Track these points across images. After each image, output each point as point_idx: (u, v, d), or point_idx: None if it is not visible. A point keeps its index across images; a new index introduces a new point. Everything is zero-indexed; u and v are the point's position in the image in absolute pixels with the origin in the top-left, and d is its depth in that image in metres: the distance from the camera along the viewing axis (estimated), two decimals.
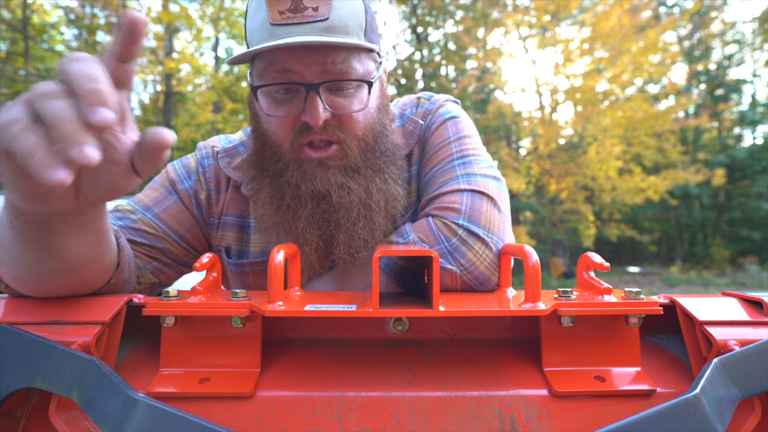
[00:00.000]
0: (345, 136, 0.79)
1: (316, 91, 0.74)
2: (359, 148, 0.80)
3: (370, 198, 0.80)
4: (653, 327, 0.64)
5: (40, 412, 0.55)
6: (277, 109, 0.78)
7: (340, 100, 0.78)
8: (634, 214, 16.11)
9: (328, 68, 0.74)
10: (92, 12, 10.98)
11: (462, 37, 13.26)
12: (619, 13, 11.81)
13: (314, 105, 0.75)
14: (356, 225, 0.80)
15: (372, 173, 0.81)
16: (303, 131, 0.78)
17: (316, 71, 0.74)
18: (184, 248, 0.91)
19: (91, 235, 0.57)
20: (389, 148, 0.85)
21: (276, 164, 0.81)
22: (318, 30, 0.72)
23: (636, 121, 12.46)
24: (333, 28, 0.73)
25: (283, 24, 0.73)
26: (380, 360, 0.59)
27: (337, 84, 0.76)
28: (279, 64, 0.74)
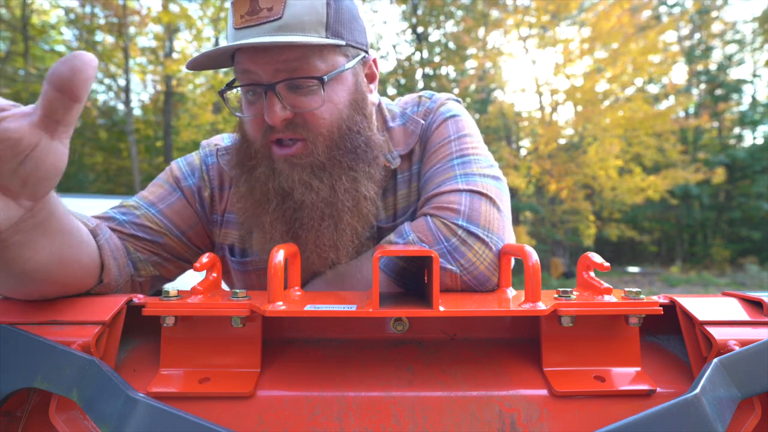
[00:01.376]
0: (309, 133, 0.78)
1: (272, 90, 0.75)
2: (325, 145, 0.79)
3: (335, 197, 0.80)
4: (653, 327, 0.64)
5: (40, 412, 0.55)
6: (248, 109, 0.80)
7: (301, 98, 0.77)
8: (634, 213, 16.11)
9: (280, 67, 0.74)
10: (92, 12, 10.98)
11: (462, 37, 13.26)
12: (619, 13, 11.81)
13: (271, 105, 0.75)
14: (321, 224, 0.80)
15: (339, 171, 0.80)
16: (270, 130, 0.78)
17: (270, 71, 0.75)
18: (186, 245, 0.91)
19: (52, 236, 0.54)
20: (360, 145, 0.82)
21: (250, 161, 0.83)
22: (271, 30, 0.73)
23: (636, 122, 12.46)
24: (286, 26, 0.73)
25: (243, 27, 0.74)
26: (380, 360, 0.59)
27: (295, 82, 0.76)
28: (241, 65, 0.76)
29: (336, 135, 0.80)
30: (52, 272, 0.57)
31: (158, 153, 14.42)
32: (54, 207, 0.53)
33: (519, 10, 12.98)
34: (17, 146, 0.42)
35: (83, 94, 0.42)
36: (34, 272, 0.54)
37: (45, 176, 0.45)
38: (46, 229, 0.53)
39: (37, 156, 0.43)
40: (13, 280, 0.54)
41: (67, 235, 0.58)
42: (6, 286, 0.56)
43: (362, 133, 0.83)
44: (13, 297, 0.60)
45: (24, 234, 0.50)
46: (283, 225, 0.81)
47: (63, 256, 0.58)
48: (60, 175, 0.47)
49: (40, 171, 0.44)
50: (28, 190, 0.46)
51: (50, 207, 0.52)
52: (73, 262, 0.61)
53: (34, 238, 0.51)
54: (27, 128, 0.43)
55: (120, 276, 0.75)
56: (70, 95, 0.42)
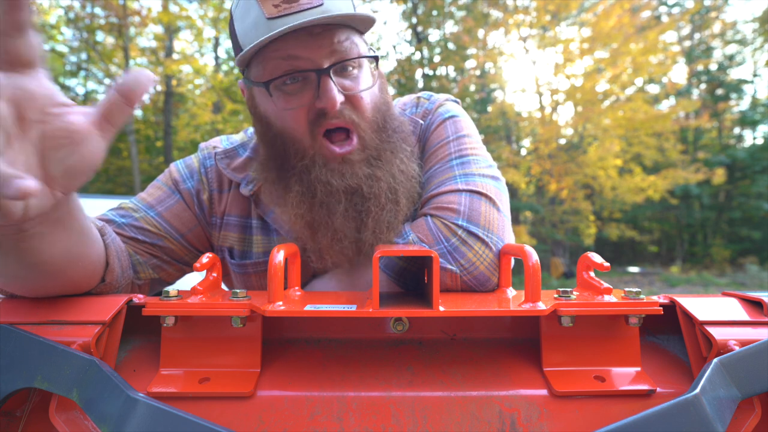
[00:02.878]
0: (359, 119, 0.79)
1: (327, 75, 0.75)
2: (373, 130, 0.82)
3: (395, 181, 0.82)
4: (653, 327, 0.64)
5: (40, 412, 0.55)
6: (288, 101, 0.78)
7: (348, 81, 0.79)
8: (634, 213, 16.12)
9: (335, 47, 0.76)
10: (92, 12, 10.99)
11: (462, 37, 13.26)
12: (620, 13, 11.81)
13: (329, 88, 0.75)
14: (384, 209, 0.81)
15: (391, 155, 0.83)
16: (319, 119, 0.77)
17: (324, 53, 0.75)
18: (185, 247, 0.91)
19: (68, 232, 0.55)
20: (398, 125, 0.86)
21: (301, 161, 0.80)
22: (316, 15, 0.73)
23: (636, 122, 12.47)
24: (329, 11, 0.74)
25: (280, 16, 0.73)
26: (380, 360, 0.59)
27: (343, 65, 0.78)
28: (283, 51, 0.75)
29: (379, 118, 0.83)
30: (62, 267, 0.57)
31: (158, 153, 14.42)
32: (74, 204, 0.55)
33: (519, 10, 12.98)
34: (74, 136, 0.46)
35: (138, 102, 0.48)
36: (45, 265, 0.55)
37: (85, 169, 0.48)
38: (64, 225, 0.54)
39: (84, 149, 0.47)
40: (23, 271, 0.54)
41: (81, 233, 0.59)
42: (14, 279, 0.56)
43: (393, 117, 0.86)
44: (16, 293, 0.60)
45: (45, 226, 0.51)
46: (352, 221, 0.81)
47: (74, 252, 0.59)
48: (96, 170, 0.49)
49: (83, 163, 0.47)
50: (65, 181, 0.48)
51: (71, 203, 0.54)
52: (83, 258, 0.61)
53: (53, 232, 0.53)
54: (85, 123, 0.46)
55: (122, 277, 0.75)
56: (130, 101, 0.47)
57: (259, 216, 0.92)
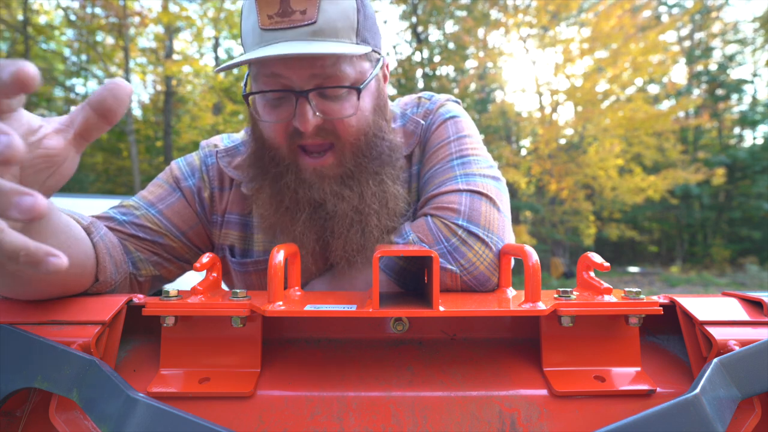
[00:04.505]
0: (338, 140, 0.79)
1: (305, 97, 0.74)
2: (352, 153, 0.80)
3: (364, 203, 0.81)
4: (653, 327, 0.64)
5: (40, 412, 0.55)
6: (270, 113, 0.79)
7: (332, 104, 0.77)
8: (634, 213, 16.11)
9: (316, 72, 0.73)
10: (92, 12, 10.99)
11: (462, 37, 13.26)
12: (620, 13, 11.81)
13: (303, 111, 0.74)
14: (350, 231, 0.81)
15: (366, 177, 0.81)
16: (297, 135, 0.78)
17: (305, 76, 0.74)
18: (186, 245, 0.91)
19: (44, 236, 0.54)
20: (384, 150, 0.83)
21: (276, 167, 0.82)
22: (305, 35, 0.71)
23: (636, 122, 12.47)
24: (321, 31, 0.71)
25: (272, 29, 0.72)
26: (380, 360, 0.59)
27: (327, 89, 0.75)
28: (268, 68, 0.74)
29: (363, 142, 0.80)
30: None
31: (158, 153, 14.42)
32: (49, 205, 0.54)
33: (519, 10, 12.98)
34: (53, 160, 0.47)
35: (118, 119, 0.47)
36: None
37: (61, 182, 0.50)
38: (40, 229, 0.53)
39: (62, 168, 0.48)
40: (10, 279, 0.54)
41: (60, 233, 0.58)
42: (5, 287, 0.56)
43: (386, 138, 0.84)
44: (10, 297, 0.60)
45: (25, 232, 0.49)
46: (314, 234, 0.82)
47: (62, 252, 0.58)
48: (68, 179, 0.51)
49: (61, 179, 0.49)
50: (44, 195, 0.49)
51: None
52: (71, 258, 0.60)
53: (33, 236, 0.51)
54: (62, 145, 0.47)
55: (117, 274, 0.75)
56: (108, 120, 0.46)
57: (261, 214, 0.92)
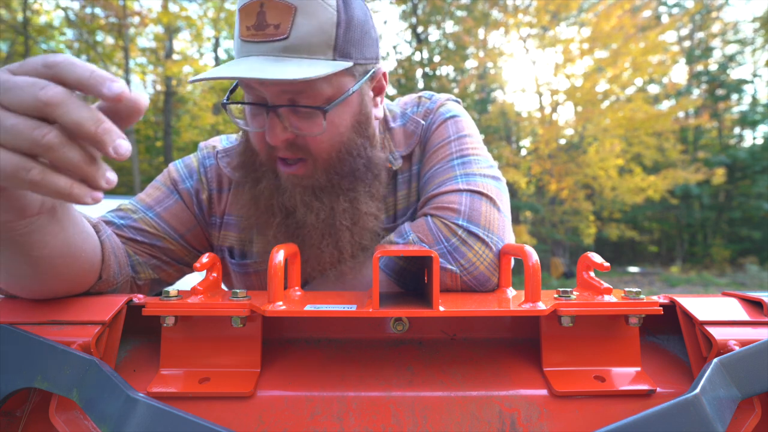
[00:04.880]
0: (309, 156, 0.78)
1: (274, 112, 0.74)
2: (324, 169, 0.79)
3: (333, 217, 0.80)
4: (653, 327, 0.64)
5: (40, 412, 0.55)
6: (252, 121, 0.79)
7: (303, 121, 0.75)
8: (634, 214, 16.11)
9: (287, 88, 0.72)
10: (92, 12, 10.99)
11: (462, 37, 13.27)
12: (620, 13, 11.81)
13: (272, 126, 0.74)
14: (321, 243, 0.81)
15: (337, 192, 0.81)
16: (272, 147, 0.78)
17: (276, 91, 0.73)
18: (185, 248, 0.91)
19: (64, 224, 0.56)
20: (359, 168, 0.81)
21: (255, 172, 0.83)
22: (276, 50, 0.70)
23: (637, 122, 12.46)
24: (292, 47, 0.69)
25: (248, 41, 0.71)
26: (380, 360, 0.59)
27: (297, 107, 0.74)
28: (243, 80, 0.74)
29: (335, 159, 0.79)
30: (62, 262, 0.58)
31: (158, 153, 14.42)
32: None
33: (519, 10, 12.98)
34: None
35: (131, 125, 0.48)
36: (46, 259, 0.55)
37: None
38: (60, 215, 0.55)
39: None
40: (25, 268, 0.55)
41: (75, 224, 0.60)
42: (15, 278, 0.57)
43: (362, 155, 0.82)
44: (17, 294, 0.60)
45: (44, 217, 0.52)
46: (286, 239, 0.82)
47: (72, 244, 0.59)
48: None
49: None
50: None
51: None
52: (80, 252, 0.62)
53: (51, 222, 0.53)
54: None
55: (119, 273, 0.75)
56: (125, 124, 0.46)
57: (243, 215, 0.92)
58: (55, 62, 0.41)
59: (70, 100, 0.40)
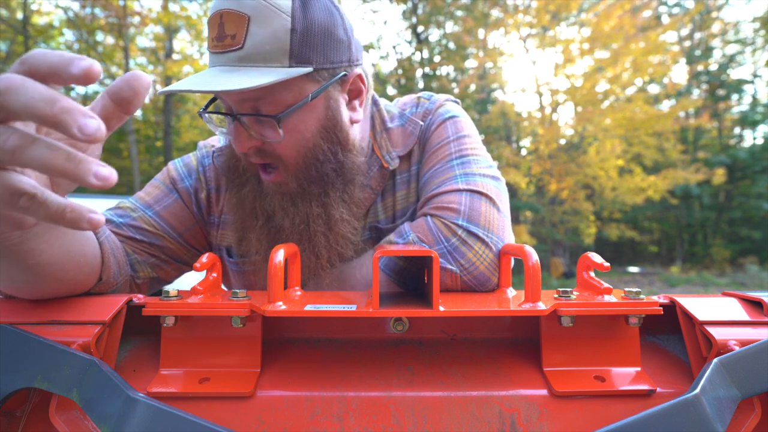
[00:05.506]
0: (280, 162, 0.80)
1: (238, 120, 0.75)
2: (293, 174, 0.80)
3: (307, 222, 0.81)
4: (653, 327, 0.64)
5: (40, 412, 0.55)
6: (228, 129, 0.81)
7: (266, 129, 0.76)
8: (634, 214, 16.11)
9: (246, 96, 0.73)
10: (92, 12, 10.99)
11: (462, 37, 13.27)
12: (620, 13, 11.81)
13: (237, 134, 0.76)
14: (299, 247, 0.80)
15: (309, 198, 0.81)
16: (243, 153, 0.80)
17: (236, 100, 0.74)
18: (184, 246, 0.91)
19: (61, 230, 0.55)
20: (327, 173, 0.81)
21: (239, 177, 0.85)
22: (233, 60, 0.71)
23: (637, 122, 12.46)
24: (248, 57, 0.71)
25: (212, 52, 0.74)
26: (380, 360, 0.59)
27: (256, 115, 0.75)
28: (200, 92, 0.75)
29: (302, 165, 0.80)
30: (61, 267, 0.57)
31: (158, 153, 14.42)
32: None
33: (519, 10, 12.98)
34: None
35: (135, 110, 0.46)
36: (45, 266, 0.55)
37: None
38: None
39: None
40: (24, 275, 0.54)
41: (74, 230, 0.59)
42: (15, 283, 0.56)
43: (331, 161, 0.81)
44: (17, 296, 0.60)
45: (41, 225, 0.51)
46: (267, 243, 0.83)
47: (71, 249, 0.59)
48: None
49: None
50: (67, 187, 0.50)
51: None
52: (79, 256, 0.61)
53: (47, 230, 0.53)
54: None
55: (119, 274, 0.75)
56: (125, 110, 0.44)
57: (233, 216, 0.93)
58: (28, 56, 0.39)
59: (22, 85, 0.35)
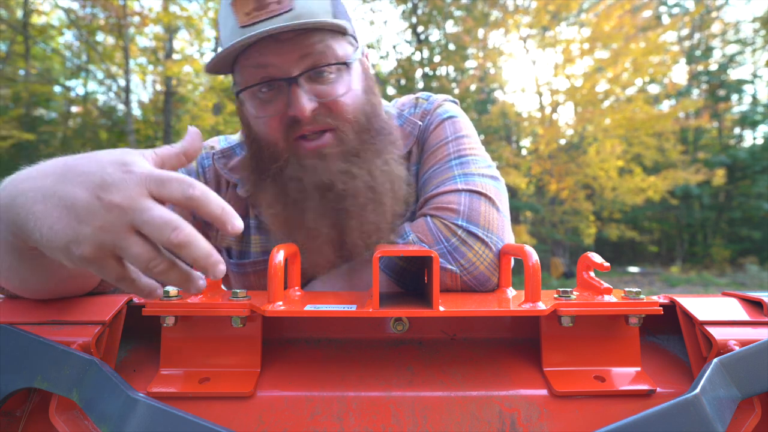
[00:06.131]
0: (337, 122, 0.78)
1: (296, 83, 0.74)
2: (354, 131, 0.80)
3: (375, 181, 0.79)
4: (653, 327, 0.64)
5: (40, 412, 0.55)
6: (263, 109, 0.78)
7: (323, 87, 0.77)
8: (634, 214, 16.10)
9: (305, 51, 0.74)
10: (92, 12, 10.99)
11: (462, 37, 13.26)
12: (620, 13, 11.80)
13: (298, 97, 0.74)
14: (365, 209, 0.79)
15: (372, 155, 0.81)
16: (294, 125, 0.77)
17: (293, 60, 0.74)
18: None
19: None
20: (384, 127, 0.84)
21: (275, 163, 0.81)
22: (286, 20, 0.72)
23: (637, 122, 12.45)
24: (300, 16, 0.72)
25: (251, 24, 0.73)
26: (380, 360, 0.59)
27: (318, 70, 0.76)
28: (253, 59, 0.75)
29: (363, 119, 0.81)
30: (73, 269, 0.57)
31: None
32: None
33: (519, 10, 12.98)
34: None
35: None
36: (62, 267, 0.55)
37: None
38: None
39: None
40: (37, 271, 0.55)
41: None
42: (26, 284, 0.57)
43: (381, 116, 0.84)
44: (22, 295, 0.60)
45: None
46: (327, 219, 0.79)
47: None
48: None
49: None
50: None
51: None
52: None
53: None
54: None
55: None
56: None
57: (257, 216, 0.92)
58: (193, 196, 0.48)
59: (194, 241, 0.47)
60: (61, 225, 0.45)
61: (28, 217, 0.46)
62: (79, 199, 0.45)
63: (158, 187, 0.47)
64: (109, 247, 0.46)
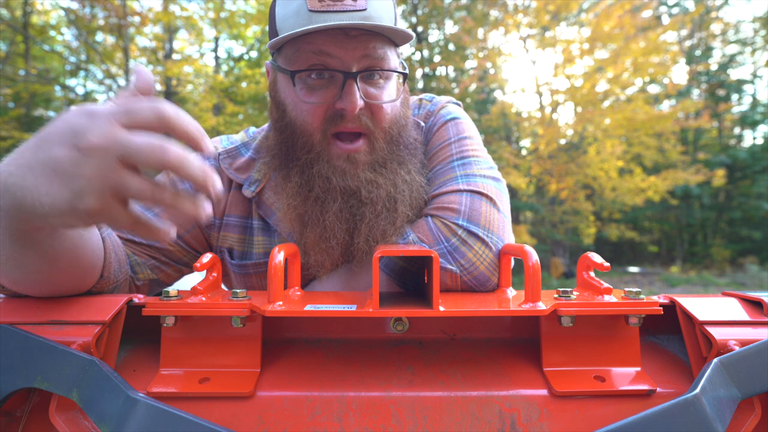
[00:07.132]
0: (374, 127, 0.80)
1: (354, 78, 0.76)
2: (385, 140, 0.82)
3: (396, 190, 0.81)
4: (653, 327, 0.64)
5: (40, 412, 0.55)
6: (309, 95, 0.78)
7: (373, 90, 0.79)
8: (634, 214, 16.10)
9: (369, 53, 0.76)
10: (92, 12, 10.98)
11: (462, 37, 13.25)
12: (620, 13, 11.80)
13: (352, 92, 0.75)
14: (379, 216, 0.80)
15: (397, 166, 0.83)
16: (335, 119, 0.78)
17: (356, 57, 0.75)
18: (183, 248, 0.91)
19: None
20: (411, 141, 0.86)
21: (307, 154, 0.81)
22: (357, 18, 0.73)
23: (637, 122, 12.45)
24: (371, 18, 0.74)
25: (322, 11, 0.73)
26: (380, 360, 0.59)
27: (370, 73, 0.78)
28: (316, 45, 0.75)
29: (395, 130, 0.83)
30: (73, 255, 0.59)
31: None
32: None
33: (519, 10, 12.97)
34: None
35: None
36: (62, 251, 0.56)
37: None
38: None
39: None
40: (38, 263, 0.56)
41: None
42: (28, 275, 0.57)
43: (410, 130, 0.86)
44: (25, 292, 0.60)
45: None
46: (344, 222, 0.81)
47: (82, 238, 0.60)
48: None
49: None
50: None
51: None
52: (87, 247, 0.62)
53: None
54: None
55: (119, 271, 0.75)
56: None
57: (261, 217, 0.92)
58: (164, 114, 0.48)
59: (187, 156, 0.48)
60: (56, 187, 0.45)
61: (24, 195, 0.46)
62: (59, 157, 0.45)
63: (127, 115, 0.47)
64: (110, 191, 0.46)
